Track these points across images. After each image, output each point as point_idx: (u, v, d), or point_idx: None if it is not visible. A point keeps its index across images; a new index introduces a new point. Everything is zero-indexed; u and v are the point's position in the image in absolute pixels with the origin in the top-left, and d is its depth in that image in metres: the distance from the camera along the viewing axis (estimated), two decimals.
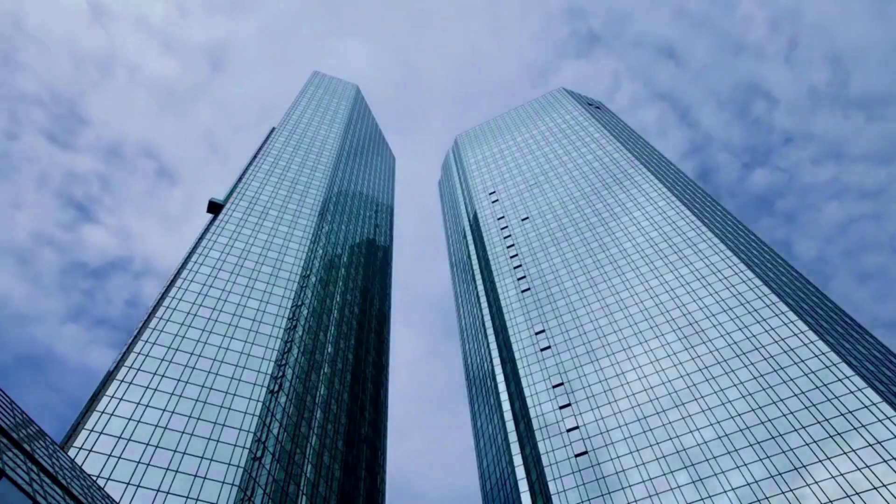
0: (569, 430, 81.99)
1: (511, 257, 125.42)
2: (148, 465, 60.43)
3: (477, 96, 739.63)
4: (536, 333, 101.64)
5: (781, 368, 75.80)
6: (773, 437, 68.79)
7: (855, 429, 65.43)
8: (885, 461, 61.35)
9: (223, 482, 61.66)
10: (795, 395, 71.90)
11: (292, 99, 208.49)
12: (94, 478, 56.51)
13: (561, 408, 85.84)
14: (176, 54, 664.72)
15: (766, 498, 63.41)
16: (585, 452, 77.97)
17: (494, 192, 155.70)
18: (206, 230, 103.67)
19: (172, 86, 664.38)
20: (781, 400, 72.17)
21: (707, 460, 70.06)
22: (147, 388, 69.00)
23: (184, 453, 63.18)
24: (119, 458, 59.84)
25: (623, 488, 71.71)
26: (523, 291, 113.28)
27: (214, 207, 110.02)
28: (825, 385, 71.28)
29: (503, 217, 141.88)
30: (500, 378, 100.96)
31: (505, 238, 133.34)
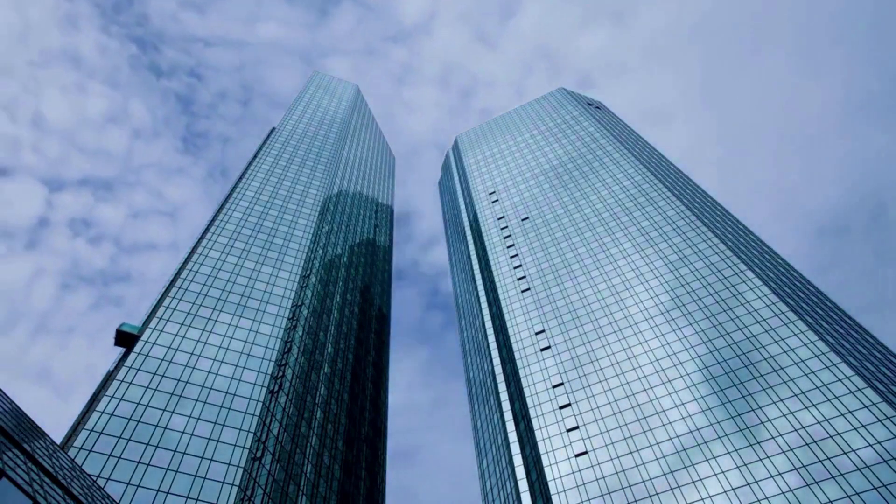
0: (569, 431, 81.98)
1: (511, 257, 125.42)
2: (148, 465, 60.42)
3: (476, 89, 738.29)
4: (536, 333, 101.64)
5: (781, 368, 75.81)
6: (773, 438, 68.80)
7: (855, 429, 65.45)
8: (884, 461, 61.37)
9: (223, 482, 61.66)
10: (795, 395, 71.90)
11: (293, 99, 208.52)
12: (94, 478, 56.49)
13: (561, 408, 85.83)
14: None
15: (767, 498, 63.44)
16: (585, 452, 77.97)
17: (494, 192, 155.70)
18: (205, 232, 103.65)
19: None
20: (781, 400, 72.16)
21: (707, 460, 70.06)
22: (147, 388, 69.00)
23: (184, 453, 63.18)
24: (119, 458, 59.84)
25: (623, 488, 71.71)
26: (523, 291, 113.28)
27: (124, 339, 78.00)
28: (825, 385, 71.29)
29: (503, 217, 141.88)
30: (500, 378, 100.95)
31: (505, 238, 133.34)
